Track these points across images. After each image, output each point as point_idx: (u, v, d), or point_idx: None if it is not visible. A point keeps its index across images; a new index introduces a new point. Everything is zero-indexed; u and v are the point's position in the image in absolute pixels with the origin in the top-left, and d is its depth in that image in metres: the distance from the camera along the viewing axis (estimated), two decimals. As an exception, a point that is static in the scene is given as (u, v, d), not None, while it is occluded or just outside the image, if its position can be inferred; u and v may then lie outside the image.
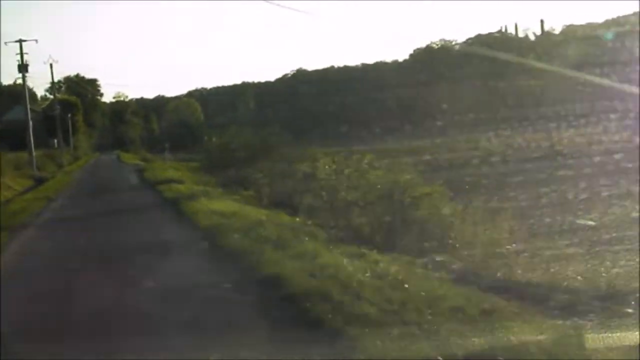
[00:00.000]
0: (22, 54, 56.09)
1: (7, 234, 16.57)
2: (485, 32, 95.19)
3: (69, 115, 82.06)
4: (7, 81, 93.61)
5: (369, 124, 67.47)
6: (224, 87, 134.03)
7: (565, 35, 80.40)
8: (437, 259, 11.43)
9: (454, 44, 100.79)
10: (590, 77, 30.54)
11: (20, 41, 56.65)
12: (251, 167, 32.51)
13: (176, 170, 44.70)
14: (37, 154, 54.85)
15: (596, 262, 9.59)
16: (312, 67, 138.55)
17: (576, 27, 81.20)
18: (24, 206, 25.49)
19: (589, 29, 69.73)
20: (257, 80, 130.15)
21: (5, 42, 59.40)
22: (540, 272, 9.27)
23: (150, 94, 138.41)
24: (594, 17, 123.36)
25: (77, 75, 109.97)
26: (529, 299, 7.99)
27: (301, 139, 65.53)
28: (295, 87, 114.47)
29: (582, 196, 15.98)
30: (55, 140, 74.44)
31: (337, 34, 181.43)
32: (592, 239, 11.37)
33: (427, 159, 30.53)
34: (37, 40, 59.13)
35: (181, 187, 29.46)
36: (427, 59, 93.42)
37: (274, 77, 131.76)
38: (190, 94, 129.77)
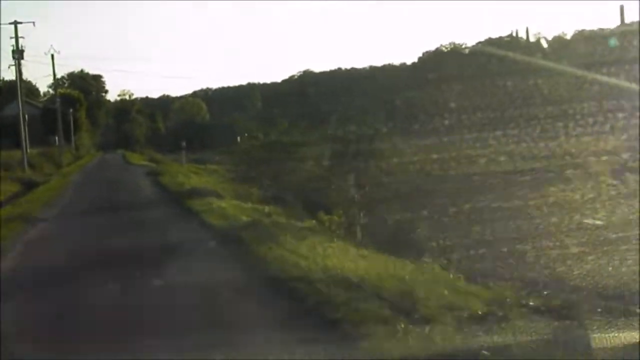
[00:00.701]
0: (17, 37, 52.04)
1: None
2: (495, 35, 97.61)
3: (71, 110, 77.04)
4: (9, 76, 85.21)
5: (378, 126, 67.25)
6: (229, 88, 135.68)
7: (576, 39, 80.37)
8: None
9: (463, 47, 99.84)
10: (597, 76, 30.72)
11: (15, 23, 52.48)
12: (329, 177, 24.72)
13: (197, 174, 38.45)
14: (34, 152, 51.23)
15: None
16: (319, 68, 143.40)
17: (588, 32, 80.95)
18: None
19: (601, 34, 69.48)
20: (263, 81, 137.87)
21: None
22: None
23: (154, 94, 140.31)
24: (606, 22, 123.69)
25: (81, 71, 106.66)
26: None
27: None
28: (302, 88, 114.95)
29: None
30: (56, 137, 69.78)
31: (344, 35, 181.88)
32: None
33: (434, 157, 30.65)
34: (34, 22, 56.07)
35: (224, 205, 19.45)
36: (437, 61, 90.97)
37: (280, 78, 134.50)
38: (195, 94, 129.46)
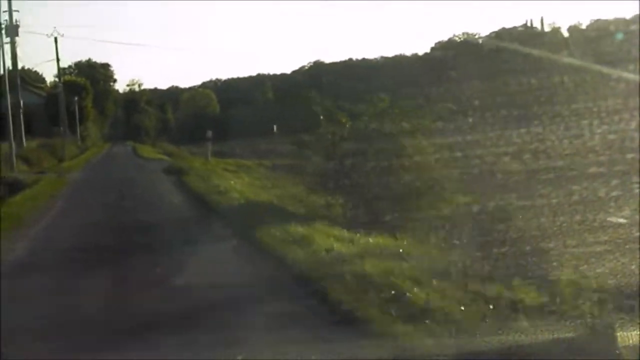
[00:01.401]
0: (10, 11, 46.88)
1: None
2: (509, 25, 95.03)
3: (76, 98, 71.23)
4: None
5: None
6: (238, 79, 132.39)
7: (593, 30, 80.00)
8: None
9: (477, 37, 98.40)
10: (624, 73, 30.43)
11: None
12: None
13: (235, 174, 29.65)
14: (33, 144, 46.29)
15: (626, 260, 9.46)
16: (329, 59, 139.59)
17: (603, 22, 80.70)
18: None
19: (617, 24, 69.39)
20: (273, 72, 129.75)
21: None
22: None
23: (163, 85, 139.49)
24: (623, 12, 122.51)
25: (88, 60, 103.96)
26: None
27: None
28: (313, 79, 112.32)
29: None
30: (60, 128, 63.72)
31: (355, 25, 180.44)
32: (623, 236, 11.17)
33: (458, 155, 30.29)
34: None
35: (356, 250, 10.61)
36: (450, 52, 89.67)
37: (290, 69, 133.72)
38: (204, 85, 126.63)
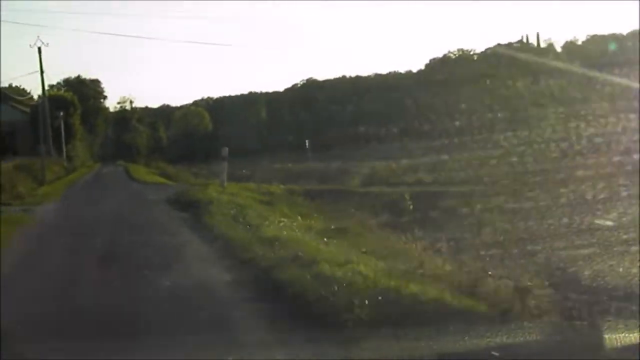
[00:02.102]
0: None
1: None
2: (505, 41, 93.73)
3: (61, 113, 66.19)
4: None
5: (386, 136, 67.09)
6: (230, 97, 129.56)
7: (588, 44, 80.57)
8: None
9: (472, 53, 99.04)
10: (609, 77, 30.82)
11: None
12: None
13: (270, 208, 20.98)
14: (9, 165, 39.01)
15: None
16: (322, 76, 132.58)
17: (600, 38, 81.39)
18: None
19: (612, 39, 69.98)
20: (265, 90, 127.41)
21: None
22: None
23: (154, 104, 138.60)
24: (619, 27, 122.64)
25: (78, 76, 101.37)
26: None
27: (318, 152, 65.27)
28: (306, 97, 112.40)
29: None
30: (42, 146, 52.66)
31: (348, 42, 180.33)
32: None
33: (445, 158, 31.64)
34: None
35: None
36: (444, 69, 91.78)
37: (283, 87, 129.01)
38: (196, 104, 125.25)
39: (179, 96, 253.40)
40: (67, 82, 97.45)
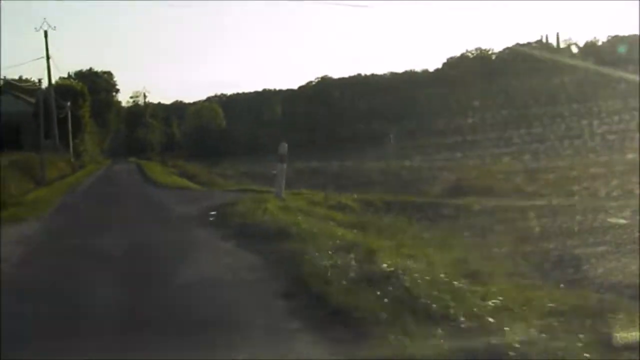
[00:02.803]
0: None
1: None
2: (524, 41, 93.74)
3: (68, 104, 58.78)
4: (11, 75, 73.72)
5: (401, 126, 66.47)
6: (244, 94, 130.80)
7: (609, 45, 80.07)
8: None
9: (490, 53, 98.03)
10: (624, 74, 30.58)
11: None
12: None
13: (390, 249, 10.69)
14: (4, 162, 31.59)
15: (627, 260, 9.42)
16: (337, 74, 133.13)
17: (621, 38, 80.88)
18: None
19: (633, 40, 69.52)
20: (279, 87, 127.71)
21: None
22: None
23: (167, 100, 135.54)
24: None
25: (90, 69, 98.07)
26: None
27: (332, 152, 64.09)
28: (320, 94, 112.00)
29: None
30: (46, 140, 52.61)
31: (363, 40, 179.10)
32: (623, 237, 11.20)
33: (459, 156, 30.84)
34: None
35: None
36: (462, 68, 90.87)
37: (297, 85, 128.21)
38: (209, 100, 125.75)
39: (192, 93, 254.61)
40: (78, 74, 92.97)
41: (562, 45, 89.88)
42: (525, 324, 6.24)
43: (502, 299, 7.13)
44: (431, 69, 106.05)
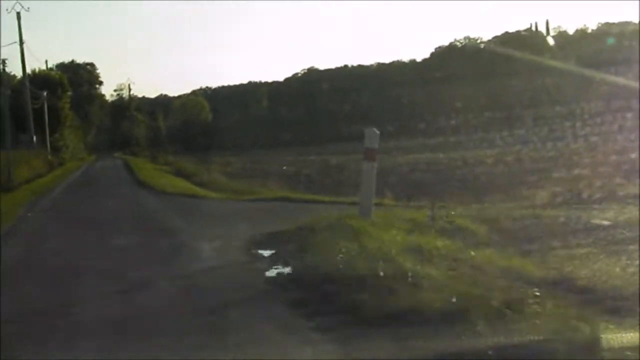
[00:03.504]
0: None
1: None
2: (513, 29, 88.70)
3: (45, 93, 53.15)
4: None
5: (383, 126, 65.94)
6: (229, 87, 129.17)
7: (599, 33, 79.88)
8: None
9: (479, 42, 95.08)
10: (606, 76, 30.62)
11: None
12: None
13: None
14: None
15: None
16: (324, 66, 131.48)
17: (611, 25, 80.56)
18: None
19: (623, 26, 69.55)
20: (265, 79, 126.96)
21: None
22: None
23: (151, 94, 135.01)
24: (631, 15, 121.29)
25: (71, 61, 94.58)
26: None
27: (316, 142, 63.53)
28: (306, 86, 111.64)
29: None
30: (33, 136, 50.55)
31: (349, 30, 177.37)
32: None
33: (441, 157, 29.66)
34: None
35: None
36: (449, 58, 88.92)
37: (283, 77, 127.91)
38: (194, 94, 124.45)
39: (177, 86, 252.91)
40: (59, 66, 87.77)
41: (552, 33, 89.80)
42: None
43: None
44: (419, 59, 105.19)
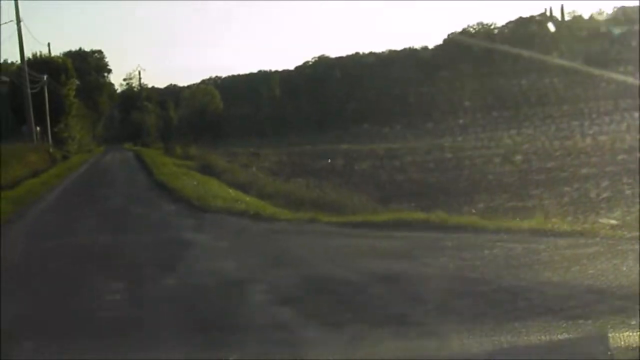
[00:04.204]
0: None
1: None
2: (527, 14, 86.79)
3: (45, 77, 46.69)
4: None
5: (392, 120, 65.39)
6: (239, 76, 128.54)
7: (615, 17, 78.91)
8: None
9: (492, 27, 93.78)
10: (614, 75, 30.64)
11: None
12: None
13: None
14: None
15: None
16: (335, 54, 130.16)
17: (627, 9, 79.36)
18: None
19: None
20: (274, 68, 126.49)
21: None
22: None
23: (161, 84, 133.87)
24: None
25: (79, 49, 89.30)
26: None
27: (326, 134, 62.65)
28: (317, 75, 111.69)
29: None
30: (33, 127, 45.00)
31: (361, 17, 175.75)
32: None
33: (449, 157, 28.82)
34: None
35: None
36: (462, 45, 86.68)
37: (293, 65, 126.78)
38: (204, 83, 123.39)
39: (186, 76, 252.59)
40: (67, 54, 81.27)
41: (568, 17, 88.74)
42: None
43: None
44: (431, 46, 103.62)
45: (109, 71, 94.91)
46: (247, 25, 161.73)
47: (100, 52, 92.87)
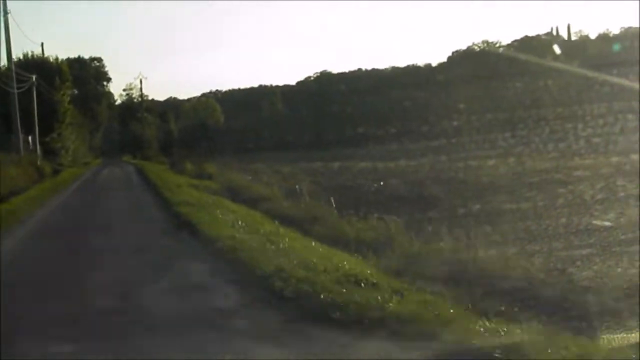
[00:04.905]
0: None
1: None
2: (533, 33, 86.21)
3: (34, 77, 41.32)
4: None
5: (398, 136, 64.74)
6: (239, 90, 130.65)
7: (622, 37, 79.03)
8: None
9: (497, 46, 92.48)
10: (607, 77, 30.75)
11: None
12: None
13: None
14: None
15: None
16: (337, 69, 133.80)
17: (635, 30, 79.32)
18: None
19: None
20: (276, 83, 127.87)
21: None
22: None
23: (160, 97, 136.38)
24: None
25: (78, 56, 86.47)
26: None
27: (329, 150, 61.26)
28: (319, 90, 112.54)
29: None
30: (27, 137, 40.93)
31: (364, 34, 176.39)
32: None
33: (444, 159, 29.33)
34: None
35: None
36: (467, 62, 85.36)
37: (295, 80, 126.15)
38: (204, 96, 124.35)
39: (186, 89, 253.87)
40: (66, 61, 64.39)
41: (574, 37, 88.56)
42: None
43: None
44: (434, 64, 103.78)
45: (109, 80, 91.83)
46: (248, 40, 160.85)
47: (99, 59, 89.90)
